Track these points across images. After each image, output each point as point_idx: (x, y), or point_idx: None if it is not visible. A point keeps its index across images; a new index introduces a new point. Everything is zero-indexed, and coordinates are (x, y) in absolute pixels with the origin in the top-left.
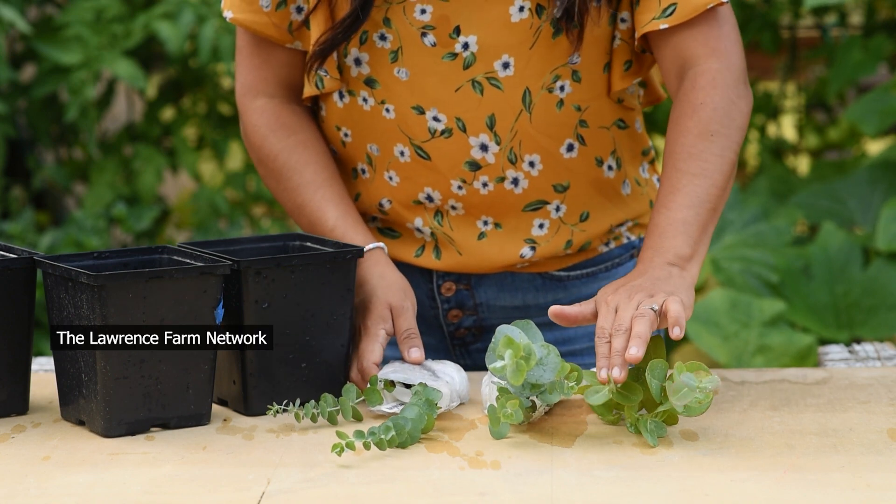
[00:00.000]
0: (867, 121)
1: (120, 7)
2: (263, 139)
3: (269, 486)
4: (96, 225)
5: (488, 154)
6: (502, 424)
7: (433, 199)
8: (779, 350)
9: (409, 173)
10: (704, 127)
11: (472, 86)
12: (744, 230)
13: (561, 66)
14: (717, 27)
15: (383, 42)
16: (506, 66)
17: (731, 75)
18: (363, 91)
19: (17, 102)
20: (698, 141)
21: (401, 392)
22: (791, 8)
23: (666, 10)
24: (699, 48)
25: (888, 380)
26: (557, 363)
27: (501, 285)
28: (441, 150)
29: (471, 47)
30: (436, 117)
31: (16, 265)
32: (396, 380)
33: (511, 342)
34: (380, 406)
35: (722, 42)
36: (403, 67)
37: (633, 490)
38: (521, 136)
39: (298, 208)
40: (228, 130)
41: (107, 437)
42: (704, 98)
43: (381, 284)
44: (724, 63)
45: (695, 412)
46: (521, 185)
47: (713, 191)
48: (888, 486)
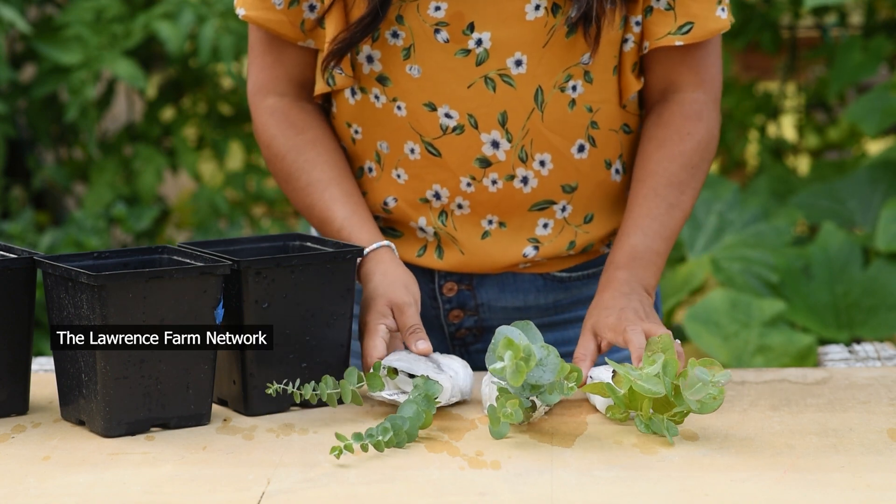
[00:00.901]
0: (867, 121)
1: (120, 7)
2: (272, 138)
3: (269, 486)
4: (96, 225)
5: (499, 151)
6: (502, 424)
7: (440, 197)
8: (779, 350)
9: (418, 171)
10: (689, 159)
11: (485, 82)
12: (744, 230)
13: (573, 66)
14: (707, 55)
15: (395, 39)
16: (518, 64)
17: (715, 108)
18: (375, 88)
19: (17, 102)
20: (682, 171)
21: (403, 381)
22: (791, 8)
23: (682, 28)
24: (690, 75)
25: (888, 380)
26: (557, 364)
27: (503, 286)
28: (452, 147)
29: (484, 44)
30: (448, 114)
31: (16, 265)
32: (400, 368)
33: (511, 343)
34: (381, 392)
35: (710, 71)
36: (416, 64)
37: (633, 490)
38: (533, 134)
39: (308, 208)
40: (228, 130)
41: (107, 437)
42: (692, 129)
43: (384, 281)
44: (709, 95)
45: (708, 408)
46: (531, 185)
47: (681, 224)
48: (888, 486)
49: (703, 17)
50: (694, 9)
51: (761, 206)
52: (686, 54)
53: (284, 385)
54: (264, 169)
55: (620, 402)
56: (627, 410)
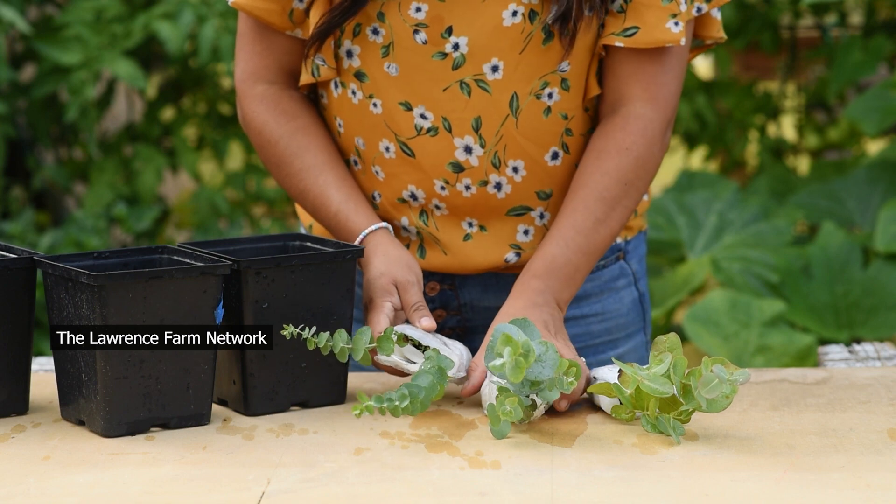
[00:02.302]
0: (867, 120)
1: (120, 7)
2: (263, 124)
3: (269, 486)
4: (96, 225)
5: (472, 157)
6: (503, 423)
7: (417, 198)
8: (779, 350)
9: (393, 170)
10: (623, 174)
11: (460, 87)
12: (744, 230)
13: (550, 73)
14: (662, 73)
15: (375, 36)
16: (495, 70)
17: (661, 127)
18: (353, 84)
19: (17, 102)
20: (615, 186)
21: (410, 351)
22: (791, 8)
23: (627, 30)
24: (640, 90)
25: (888, 380)
26: (556, 359)
27: (486, 286)
28: (426, 149)
29: (461, 48)
30: (423, 115)
31: (16, 265)
32: (411, 336)
33: (510, 339)
34: (389, 357)
35: (662, 91)
36: (394, 63)
37: (633, 490)
38: (507, 140)
39: (301, 193)
40: (228, 130)
41: (107, 437)
42: (631, 144)
43: (386, 261)
44: (659, 114)
45: (718, 407)
46: (504, 191)
47: (608, 241)
48: (888, 486)
49: (652, 25)
50: (646, 16)
51: (761, 206)
52: (639, 68)
53: (300, 330)
54: (264, 169)
55: (627, 401)
56: (633, 410)
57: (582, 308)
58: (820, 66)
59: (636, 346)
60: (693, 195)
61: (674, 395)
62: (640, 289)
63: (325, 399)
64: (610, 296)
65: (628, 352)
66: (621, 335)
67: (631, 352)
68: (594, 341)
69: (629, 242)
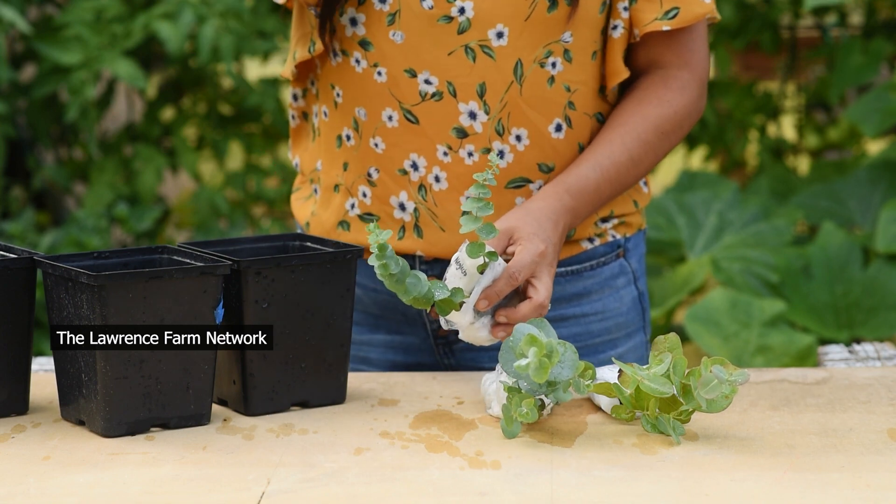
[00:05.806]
0: (867, 121)
1: (120, 7)
2: None
3: (269, 486)
4: (97, 225)
5: (476, 122)
6: (515, 424)
7: (418, 167)
8: (779, 350)
9: (395, 139)
10: (661, 123)
11: (465, 51)
12: (744, 230)
13: (554, 43)
14: (692, 39)
15: (382, 5)
16: (500, 36)
17: (699, 87)
18: (357, 52)
19: (17, 102)
20: (652, 132)
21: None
22: (791, 8)
23: (669, 13)
24: (673, 57)
25: (888, 380)
26: (575, 360)
27: None
28: (430, 114)
29: (466, 13)
30: (427, 80)
31: (16, 265)
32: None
33: (535, 340)
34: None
35: (695, 55)
36: (399, 30)
37: (633, 490)
38: (511, 107)
39: None
40: (228, 130)
41: (107, 437)
42: (672, 98)
43: None
44: (694, 74)
45: (717, 407)
46: (506, 159)
47: (631, 185)
48: (888, 486)
49: (688, 1)
50: None
51: (761, 206)
52: (671, 38)
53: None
54: (264, 169)
55: (627, 401)
56: (633, 410)
57: (582, 306)
58: (820, 66)
59: (636, 345)
60: (693, 195)
61: (674, 395)
62: (640, 288)
63: (325, 399)
64: (610, 294)
65: (628, 351)
66: (621, 334)
67: (631, 351)
68: (594, 340)
69: (629, 240)
